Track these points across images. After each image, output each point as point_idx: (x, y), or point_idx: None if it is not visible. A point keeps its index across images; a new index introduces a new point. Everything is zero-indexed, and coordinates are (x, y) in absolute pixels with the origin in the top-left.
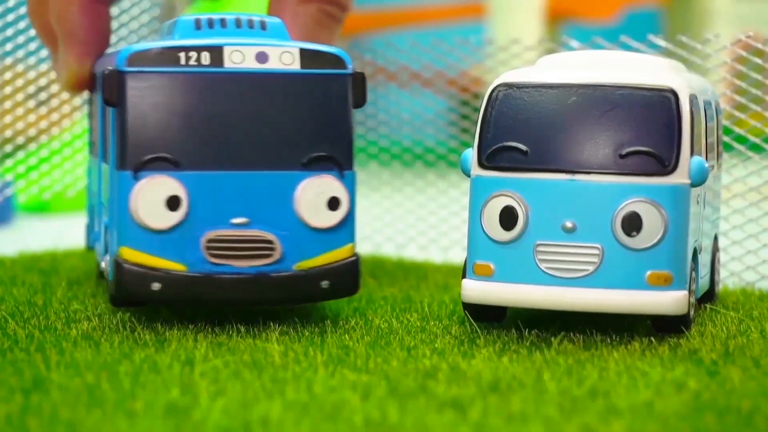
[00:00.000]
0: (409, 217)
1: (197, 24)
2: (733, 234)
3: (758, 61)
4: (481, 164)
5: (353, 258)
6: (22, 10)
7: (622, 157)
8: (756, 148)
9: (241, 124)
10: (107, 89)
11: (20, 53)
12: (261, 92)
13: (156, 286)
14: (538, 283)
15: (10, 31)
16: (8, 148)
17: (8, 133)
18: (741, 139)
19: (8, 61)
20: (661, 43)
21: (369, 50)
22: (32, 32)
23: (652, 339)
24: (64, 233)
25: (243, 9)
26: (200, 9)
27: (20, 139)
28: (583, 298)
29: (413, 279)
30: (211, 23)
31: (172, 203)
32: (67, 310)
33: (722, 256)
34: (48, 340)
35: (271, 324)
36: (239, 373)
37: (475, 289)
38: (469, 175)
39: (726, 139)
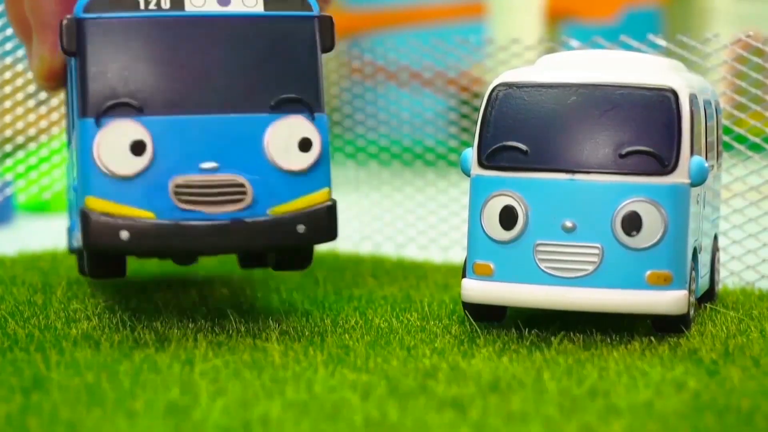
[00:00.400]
0: (409, 216)
1: None
2: (733, 233)
3: (758, 60)
4: (481, 164)
5: (329, 203)
6: None
7: (622, 156)
8: (756, 147)
9: (206, 68)
10: (66, 38)
11: (20, 53)
12: (224, 35)
13: (124, 234)
14: (538, 282)
15: (9, 31)
16: (8, 147)
17: (8, 132)
18: (741, 139)
19: (8, 60)
20: (661, 42)
21: (369, 50)
22: None
23: (652, 339)
24: (64, 233)
25: None
26: None
27: (20, 139)
28: (583, 298)
29: (413, 279)
30: None
31: (137, 148)
32: (67, 310)
33: (722, 256)
34: (48, 340)
35: (271, 323)
36: (239, 373)
37: (475, 289)
38: (468, 175)
39: (726, 138)
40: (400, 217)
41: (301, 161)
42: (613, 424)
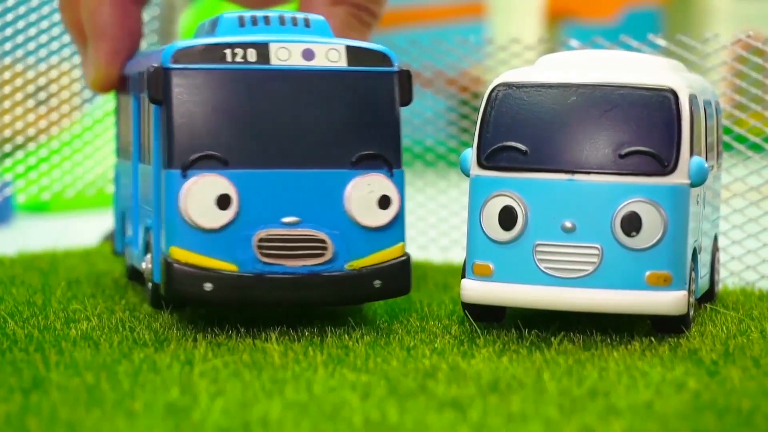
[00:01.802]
0: (408, 216)
1: (241, 21)
2: (733, 233)
3: (758, 60)
4: (481, 164)
5: (404, 257)
6: (22, 9)
7: (621, 157)
8: (756, 147)
9: (289, 122)
10: (152, 86)
11: (19, 53)
12: (308, 90)
13: (208, 286)
14: (537, 283)
15: (9, 31)
16: (7, 147)
17: (7, 132)
18: (741, 139)
19: (7, 60)
20: (661, 42)
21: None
22: (31, 32)
23: (652, 339)
24: (64, 233)
25: None
26: (202, 8)
27: (19, 139)
28: (583, 298)
29: (413, 279)
30: (254, 20)
31: (223, 202)
32: (67, 310)
33: (722, 256)
34: (47, 340)
35: (271, 324)
36: (239, 373)
37: (474, 289)
38: (468, 175)
39: (726, 138)
40: None
41: (381, 218)
42: (613, 425)
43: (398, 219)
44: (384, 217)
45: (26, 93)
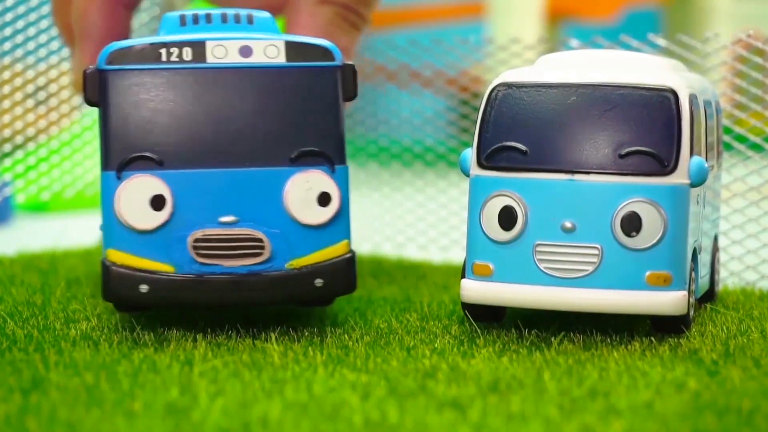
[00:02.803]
0: (408, 216)
1: (182, 20)
2: (734, 233)
3: (759, 60)
4: (480, 164)
5: (348, 255)
6: (21, 9)
7: (621, 157)
8: (756, 147)
9: (227, 121)
10: (88, 88)
11: (19, 52)
12: (246, 87)
13: (144, 288)
14: (537, 283)
15: (8, 30)
16: (7, 147)
17: (7, 132)
18: (741, 138)
19: (6, 60)
20: (662, 42)
21: (368, 49)
22: (30, 31)
23: (652, 339)
24: (63, 233)
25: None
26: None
27: (19, 139)
28: (583, 299)
29: (413, 279)
30: (196, 19)
31: (157, 203)
32: (66, 310)
33: (722, 256)
34: (47, 340)
35: (271, 324)
36: (238, 373)
37: (474, 289)
38: (468, 175)
39: (726, 138)
40: (400, 217)
41: (320, 215)
42: (613, 425)
43: (340, 216)
44: (324, 214)
45: (26, 93)
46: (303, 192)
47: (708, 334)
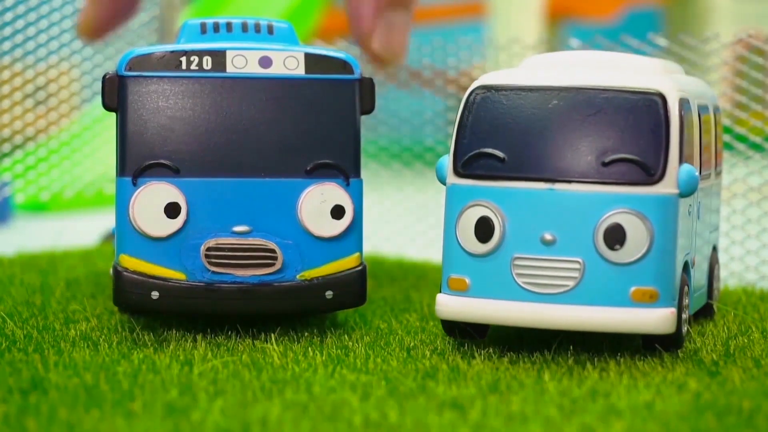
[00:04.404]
0: (408, 217)
1: (203, 28)
2: (734, 234)
3: (759, 59)
4: (457, 172)
5: (360, 268)
6: (20, 8)
7: (605, 165)
8: (756, 147)
9: (244, 130)
10: (107, 94)
11: (18, 52)
12: (264, 98)
13: (155, 294)
14: (515, 299)
15: (8, 30)
16: (6, 147)
17: (6, 132)
18: (741, 138)
19: (6, 60)
20: (662, 42)
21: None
22: (30, 31)
23: None
24: (63, 233)
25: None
26: (202, 7)
27: (18, 139)
28: (564, 316)
29: (413, 279)
30: (216, 27)
31: (171, 210)
32: (66, 311)
33: (722, 256)
34: (46, 341)
35: (271, 324)
36: (238, 374)
37: (449, 305)
38: (444, 184)
39: (726, 138)
40: (400, 218)
41: (333, 228)
42: (613, 425)
43: (353, 229)
44: (337, 227)
45: (25, 93)
46: (317, 204)
47: (708, 334)
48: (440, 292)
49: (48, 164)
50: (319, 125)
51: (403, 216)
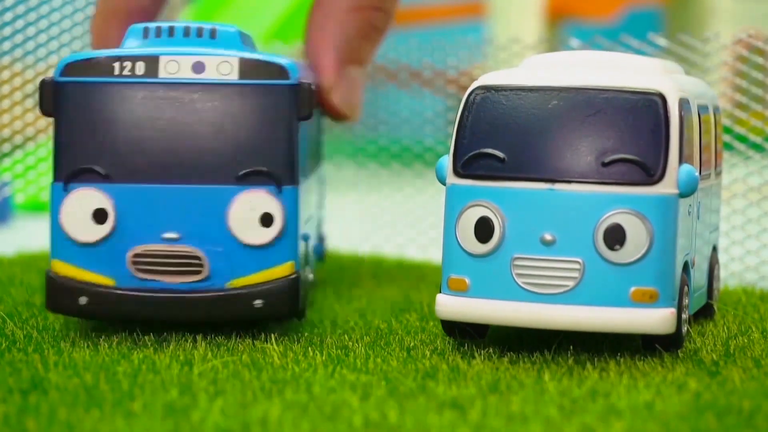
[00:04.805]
0: (408, 217)
1: (145, 32)
2: (734, 234)
3: (759, 59)
4: (456, 172)
5: (292, 276)
6: (20, 9)
7: (605, 165)
8: (757, 147)
9: (176, 136)
10: (43, 99)
11: (18, 52)
12: (197, 103)
13: (83, 300)
14: (515, 299)
15: (8, 30)
16: (6, 147)
17: (6, 132)
18: (742, 138)
19: (6, 60)
20: (662, 42)
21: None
22: (30, 31)
23: None
24: None
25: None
26: (201, 8)
27: (18, 139)
28: (563, 316)
29: (413, 279)
30: (158, 32)
31: (99, 216)
32: None
33: (722, 256)
34: (46, 341)
35: (271, 324)
36: (238, 374)
37: (449, 305)
38: (444, 184)
39: (726, 138)
40: (400, 218)
41: (262, 236)
42: (613, 425)
43: (285, 237)
44: (266, 235)
45: (25, 92)
46: (246, 211)
47: (708, 334)
48: (440, 292)
49: (48, 164)
50: (252, 131)
51: (403, 216)
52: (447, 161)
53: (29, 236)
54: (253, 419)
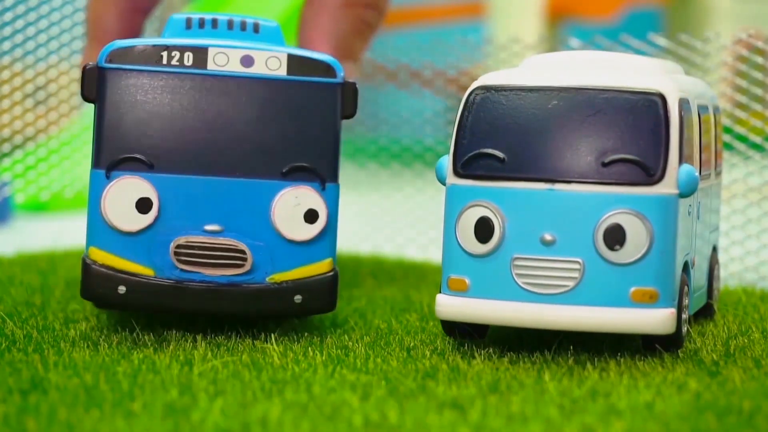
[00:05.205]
0: (408, 216)
1: (188, 23)
2: (734, 234)
3: (759, 59)
4: (456, 172)
5: (331, 273)
6: (20, 8)
7: (605, 165)
8: (757, 147)
9: (222, 129)
10: (86, 85)
11: (18, 52)
12: (244, 97)
13: (122, 289)
14: (515, 299)
15: (8, 30)
16: (6, 147)
17: (6, 132)
18: (742, 138)
19: (6, 60)
20: (662, 42)
21: (369, 49)
22: (30, 31)
23: None
24: (63, 233)
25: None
26: (201, 7)
27: (18, 139)
28: (563, 316)
29: (413, 279)
30: (202, 23)
31: (143, 205)
32: (66, 311)
33: (722, 256)
34: (46, 341)
35: (271, 324)
36: (238, 374)
37: (449, 305)
38: (444, 184)
39: (726, 138)
40: (400, 218)
41: (306, 232)
42: (613, 425)
43: (326, 234)
44: (310, 231)
45: (25, 92)
46: (290, 207)
47: (708, 334)
48: (440, 292)
49: (48, 164)
50: (298, 127)
51: (403, 216)
52: (447, 161)
53: (29, 236)
54: (253, 419)
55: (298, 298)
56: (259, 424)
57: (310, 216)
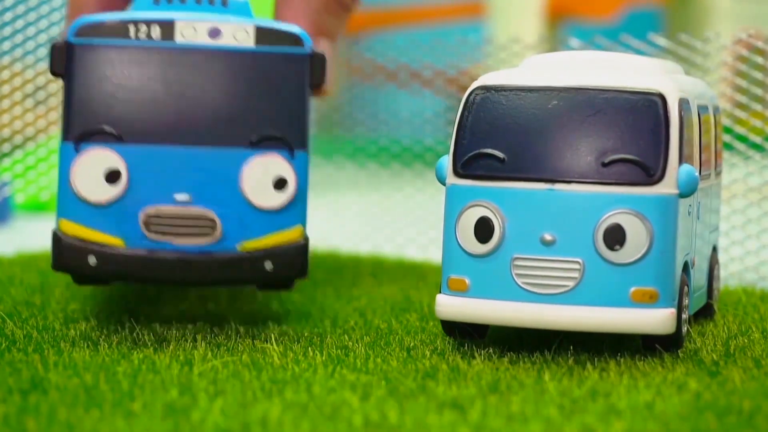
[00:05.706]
0: (409, 216)
1: None
2: (734, 234)
3: (759, 59)
4: (456, 172)
5: (302, 241)
6: (20, 8)
7: (605, 165)
8: (757, 147)
9: (190, 100)
10: (55, 60)
11: (18, 52)
12: (212, 68)
13: (92, 260)
14: (515, 299)
15: (7, 30)
16: (6, 147)
17: (6, 132)
18: (742, 138)
19: (6, 60)
20: (662, 42)
21: (368, 49)
22: (30, 31)
23: None
24: None
25: None
26: None
27: (18, 139)
28: (563, 316)
29: (413, 279)
30: None
31: (112, 177)
32: (66, 310)
33: (722, 256)
34: (46, 341)
35: (271, 324)
36: (238, 374)
37: (449, 305)
38: (444, 184)
39: (726, 138)
40: (400, 218)
41: (275, 199)
42: (613, 425)
43: (296, 201)
44: (278, 198)
45: (25, 92)
46: (259, 175)
47: (708, 334)
48: (440, 292)
49: (48, 164)
50: (267, 97)
51: (403, 216)
52: (447, 161)
53: (29, 236)
54: (253, 419)
55: (268, 265)
56: (259, 424)
57: (279, 183)
